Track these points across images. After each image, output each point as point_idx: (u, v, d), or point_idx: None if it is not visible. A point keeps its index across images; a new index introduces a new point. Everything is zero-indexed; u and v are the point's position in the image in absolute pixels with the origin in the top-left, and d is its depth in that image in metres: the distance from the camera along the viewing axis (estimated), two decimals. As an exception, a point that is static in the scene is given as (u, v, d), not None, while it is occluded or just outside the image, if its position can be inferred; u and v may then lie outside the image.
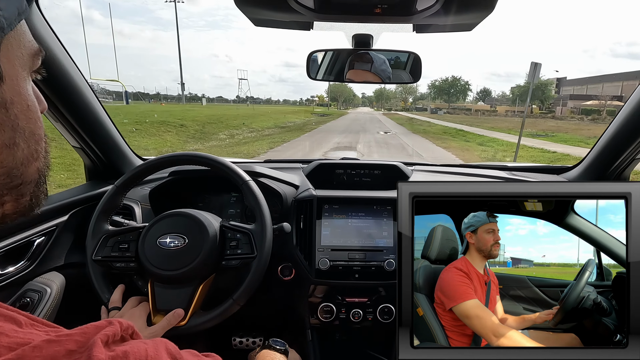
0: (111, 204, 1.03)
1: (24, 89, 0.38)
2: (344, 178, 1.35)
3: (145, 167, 1.04)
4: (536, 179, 1.38)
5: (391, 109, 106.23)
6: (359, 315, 1.15)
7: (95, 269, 0.96)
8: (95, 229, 0.99)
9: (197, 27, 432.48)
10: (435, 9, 0.66)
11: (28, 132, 0.38)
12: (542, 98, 61.83)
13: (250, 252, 0.94)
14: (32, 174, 0.40)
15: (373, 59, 1.06)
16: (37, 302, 0.97)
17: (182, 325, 0.87)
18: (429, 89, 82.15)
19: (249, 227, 0.97)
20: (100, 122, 1.22)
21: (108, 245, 0.97)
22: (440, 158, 10.74)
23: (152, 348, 0.37)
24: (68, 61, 1.02)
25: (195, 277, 0.91)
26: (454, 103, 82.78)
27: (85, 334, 0.34)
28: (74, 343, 0.32)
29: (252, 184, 1.00)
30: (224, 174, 1.02)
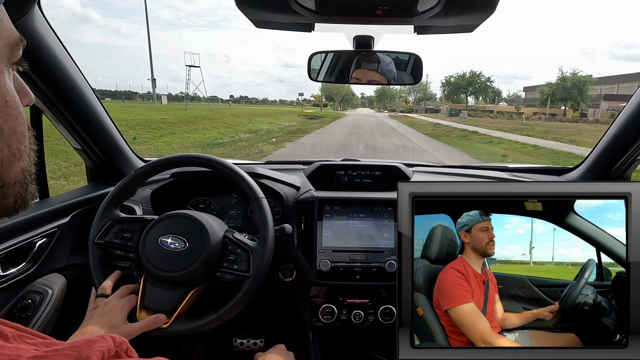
0: (124, 192, 1.04)
1: (2, 83, 0.35)
2: (345, 179, 1.36)
3: (161, 163, 1.06)
4: (537, 179, 1.38)
5: (395, 109, 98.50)
6: (360, 316, 1.15)
7: (95, 252, 0.96)
8: (104, 213, 1.00)
9: (197, 26, 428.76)
10: (436, 11, 0.66)
11: (7, 130, 0.35)
12: (579, 98, 49.01)
13: (246, 270, 0.93)
14: (16, 175, 0.37)
15: (380, 59, 1.07)
16: (38, 303, 0.98)
17: (164, 328, 0.88)
18: (442, 87, 69.51)
19: (250, 245, 0.96)
20: (102, 123, 1.22)
21: (112, 231, 0.98)
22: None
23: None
24: (69, 62, 1.02)
25: (187, 282, 0.91)
26: (461, 103, 70.34)
27: (77, 348, 0.32)
28: (63, 357, 0.31)
29: (264, 202, 1.00)
30: (235, 182, 1.02)
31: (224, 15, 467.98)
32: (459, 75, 65.95)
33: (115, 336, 0.37)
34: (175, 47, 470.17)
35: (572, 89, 47.80)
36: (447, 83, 67.97)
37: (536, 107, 59.20)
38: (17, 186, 0.38)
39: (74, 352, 0.32)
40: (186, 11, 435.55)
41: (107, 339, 0.35)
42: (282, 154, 11.10)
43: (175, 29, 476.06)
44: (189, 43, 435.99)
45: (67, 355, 0.31)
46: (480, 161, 10.52)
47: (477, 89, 65.74)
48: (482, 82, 64.83)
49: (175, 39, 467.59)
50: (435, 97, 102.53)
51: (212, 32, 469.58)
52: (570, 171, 1.46)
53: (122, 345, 0.37)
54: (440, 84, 68.65)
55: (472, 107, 68.15)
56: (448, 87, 68.35)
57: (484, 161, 10.50)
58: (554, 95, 50.62)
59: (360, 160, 1.44)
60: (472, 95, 67.49)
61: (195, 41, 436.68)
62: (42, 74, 0.97)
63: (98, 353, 0.32)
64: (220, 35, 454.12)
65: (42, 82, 0.98)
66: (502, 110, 61.53)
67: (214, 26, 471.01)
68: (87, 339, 0.34)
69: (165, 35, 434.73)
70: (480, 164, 1.67)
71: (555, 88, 50.28)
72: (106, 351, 0.33)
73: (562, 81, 49.16)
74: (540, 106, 56.12)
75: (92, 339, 0.34)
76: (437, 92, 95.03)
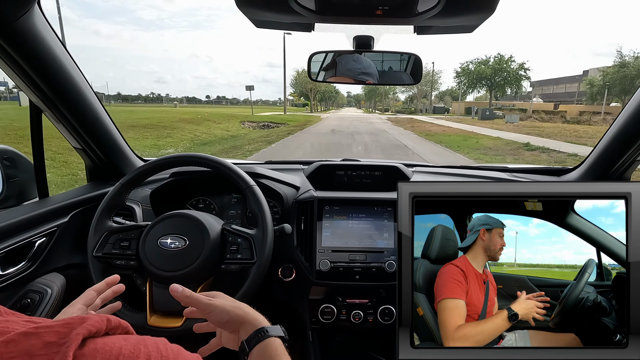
0: (115, 202, 1.03)
1: None
2: (345, 179, 1.35)
3: (150, 167, 1.05)
4: (537, 179, 1.38)
5: (388, 109, 77.86)
6: (360, 316, 1.15)
7: (95, 266, 0.96)
8: (98, 225, 0.99)
9: (179, 27, 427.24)
10: (436, 11, 0.66)
11: None
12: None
13: (250, 257, 0.94)
14: None
15: (371, 62, 1.07)
16: (37, 302, 0.97)
17: (178, 327, 0.87)
18: (457, 77, 45.79)
19: (250, 233, 0.97)
20: (101, 122, 1.22)
21: (109, 242, 0.97)
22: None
23: (130, 346, 0.34)
24: (69, 61, 1.02)
25: (194, 279, 0.91)
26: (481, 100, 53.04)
27: (69, 325, 0.32)
28: (54, 334, 0.30)
29: (255, 188, 1.00)
30: (227, 176, 1.02)
31: (207, 15, 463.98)
32: (480, 61, 43.63)
33: (111, 318, 0.36)
34: (158, 48, 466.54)
35: (636, 79, 29.72)
36: (463, 72, 44.91)
37: (583, 103, 41.28)
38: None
39: (66, 329, 0.31)
40: (168, 11, 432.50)
41: (101, 319, 0.34)
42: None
43: (158, 30, 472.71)
44: (172, 44, 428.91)
45: (58, 332, 0.31)
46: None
47: (507, 80, 42.19)
48: (513, 72, 41.66)
49: (158, 39, 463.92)
50: (439, 89, 71.25)
51: (195, 32, 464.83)
52: (569, 172, 1.45)
53: (117, 328, 0.36)
54: (455, 74, 45.69)
55: (496, 105, 46.55)
56: (465, 77, 44.81)
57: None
58: (610, 87, 32.79)
59: (360, 160, 1.44)
60: (496, 89, 43.56)
61: (178, 42, 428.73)
62: (42, 73, 0.97)
63: (85, 331, 0.32)
64: (203, 36, 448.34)
65: (41, 81, 0.98)
66: (539, 108, 42.82)
67: (197, 27, 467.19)
68: (81, 317, 0.33)
69: (147, 35, 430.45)
70: (480, 164, 1.67)
71: (612, 77, 32.33)
72: (95, 331, 0.33)
73: (622, 67, 31.52)
74: (588, 102, 39.28)
75: (85, 317, 0.33)
76: (441, 84, 67.54)
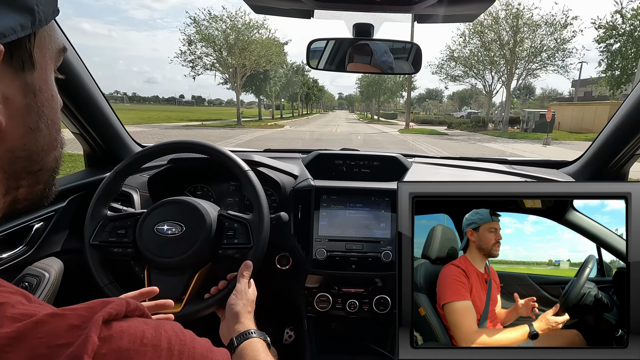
0: (110, 189, 1.03)
1: (50, 79, 0.41)
2: (343, 169, 1.35)
3: (144, 154, 1.04)
4: (535, 173, 1.38)
5: (396, 114, 56.82)
6: (355, 305, 1.16)
7: (92, 254, 0.96)
8: (94, 213, 0.99)
9: (171, 28, 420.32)
10: (436, 0, 0.65)
11: (50, 120, 0.41)
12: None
13: (247, 242, 0.94)
14: (51, 162, 0.43)
15: (373, 51, 1.05)
16: (35, 286, 0.98)
17: (177, 312, 0.88)
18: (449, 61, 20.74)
19: (246, 217, 0.97)
20: (100, 108, 1.21)
21: (106, 230, 0.97)
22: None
23: (151, 330, 0.36)
24: (68, 46, 1.01)
25: (191, 265, 0.92)
26: None
27: (91, 309, 0.34)
28: (77, 318, 0.32)
29: (251, 174, 1.00)
30: (223, 162, 1.01)
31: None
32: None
33: (131, 301, 0.38)
34: (149, 47, 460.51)
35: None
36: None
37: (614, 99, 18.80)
38: (49, 172, 0.43)
39: (88, 313, 0.33)
40: (160, 11, 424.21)
41: (120, 302, 0.36)
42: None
43: (150, 30, 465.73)
44: (163, 44, 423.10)
45: (81, 316, 0.33)
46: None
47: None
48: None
49: (149, 39, 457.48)
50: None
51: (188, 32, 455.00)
52: (568, 164, 1.45)
53: (135, 310, 0.38)
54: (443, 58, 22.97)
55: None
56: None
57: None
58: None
59: (359, 150, 1.44)
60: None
61: (170, 42, 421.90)
62: None
63: (105, 314, 0.33)
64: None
65: None
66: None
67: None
68: (103, 300, 0.36)
69: (139, 35, 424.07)
70: (479, 156, 1.67)
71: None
72: (115, 314, 0.35)
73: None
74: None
75: (107, 300, 0.36)
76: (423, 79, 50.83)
